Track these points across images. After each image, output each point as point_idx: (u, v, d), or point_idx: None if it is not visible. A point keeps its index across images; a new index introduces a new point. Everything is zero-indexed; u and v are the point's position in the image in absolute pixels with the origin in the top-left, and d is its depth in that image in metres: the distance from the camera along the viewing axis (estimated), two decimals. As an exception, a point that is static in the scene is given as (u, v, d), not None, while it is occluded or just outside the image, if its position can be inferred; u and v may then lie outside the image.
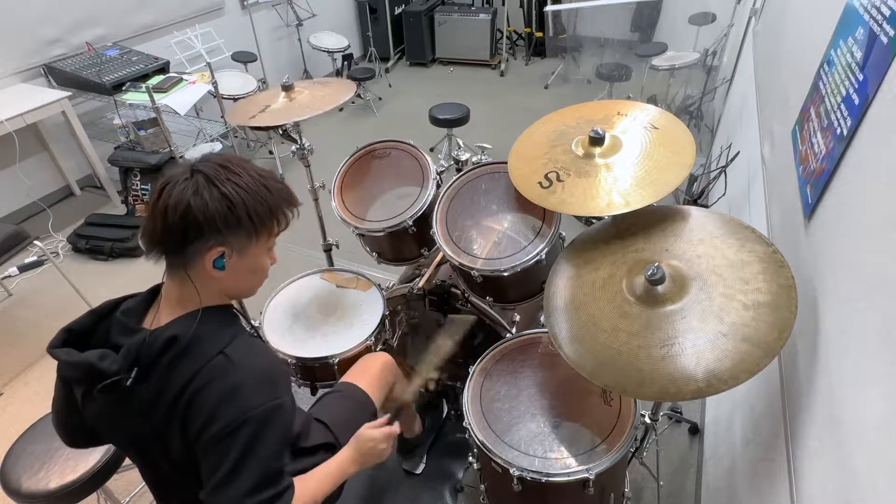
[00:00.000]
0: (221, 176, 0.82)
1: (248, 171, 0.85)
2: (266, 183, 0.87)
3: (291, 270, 1.81)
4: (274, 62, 4.66)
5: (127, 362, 0.80)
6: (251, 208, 0.84)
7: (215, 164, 0.83)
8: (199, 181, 0.81)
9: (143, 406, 0.84)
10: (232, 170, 0.84)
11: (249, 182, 0.84)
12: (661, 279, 0.98)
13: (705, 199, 2.35)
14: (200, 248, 0.83)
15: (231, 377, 0.83)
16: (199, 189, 0.80)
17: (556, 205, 1.19)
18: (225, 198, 0.81)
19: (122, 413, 0.85)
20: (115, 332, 0.85)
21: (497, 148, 1.86)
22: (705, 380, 0.87)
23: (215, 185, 0.81)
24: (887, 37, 0.87)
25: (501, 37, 5.63)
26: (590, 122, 1.29)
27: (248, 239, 0.86)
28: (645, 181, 1.13)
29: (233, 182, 0.82)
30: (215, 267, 0.85)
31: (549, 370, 1.36)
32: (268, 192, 0.86)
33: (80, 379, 0.86)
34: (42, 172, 3.33)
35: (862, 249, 0.83)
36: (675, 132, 1.22)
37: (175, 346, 0.82)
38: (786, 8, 1.98)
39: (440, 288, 1.65)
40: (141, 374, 0.81)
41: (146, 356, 0.81)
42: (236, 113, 1.69)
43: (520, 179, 1.28)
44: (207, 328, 0.85)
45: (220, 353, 0.84)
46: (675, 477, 1.82)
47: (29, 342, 2.46)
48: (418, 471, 1.82)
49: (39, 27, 3.02)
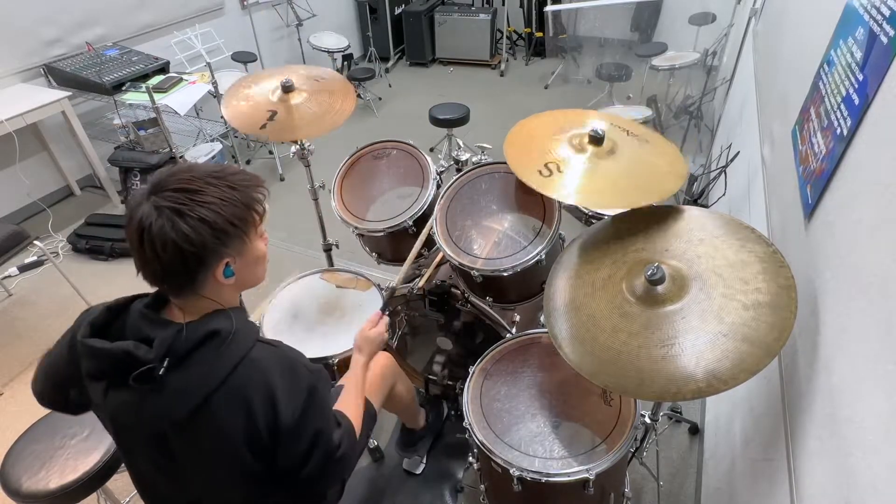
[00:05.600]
0: (185, 201, 0.80)
1: (206, 181, 0.83)
2: (228, 182, 0.85)
3: (291, 270, 1.81)
4: (274, 62, 4.66)
5: (161, 352, 0.82)
6: (230, 216, 0.84)
7: (172, 190, 0.81)
8: (169, 215, 0.79)
9: (174, 396, 0.85)
10: (191, 188, 0.81)
11: (214, 192, 0.83)
12: (661, 279, 0.98)
13: (705, 199, 2.35)
14: (207, 271, 0.85)
15: (282, 358, 0.92)
16: (175, 224, 0.79)
17: (557, 190, 1.17)
18: (203, 222, 0.81)
19: (150, 404, 0.85)
20: (144, 326, 0.85)
21: (497, 148, 1.85)
22: (705, 380, 0.87)
23: (187, 214, 0.80)
24: (887, 37, 0.87)
25: (501, 37, 5.63)
26: (582, 126, 1.29)
27: (242, 241, 0.88)
28: (643, 183, 1.14)
29: (199, 202, 0.81)
30: (226, 277, 0.88)
31: (549, 370, 1.36)
32: (234, 191, 0.85)
33: (109, 370, 0.86)
34: (42, 172, 3.33)
35: (862, 249, 0.83)
36: (664, 147, 1.25)
37: (217, 339, 0.85)
38: (786, 8, 1.98)
39: (440, 288, 1.65)
40: (172, 365, 0.83)
41: (181, 348, 0.83)
42: (242, 119, 1.64)
43: (519, 168, 1.26)
44: (241, 323, 0.90)
45: (256, 342, 0.90)
46: (675, 477, 1.82)
47: (29, 342, 2.46)
48: (418, 471, 1.82)
49: (39, 27, 3.02)
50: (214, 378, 0.85)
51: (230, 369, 0.85)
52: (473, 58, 5.57)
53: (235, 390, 0.85)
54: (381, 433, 1.96)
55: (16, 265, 2.32)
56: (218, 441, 0.87)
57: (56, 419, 1.41)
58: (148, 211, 0.79)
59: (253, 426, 0.86)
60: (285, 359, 0.93)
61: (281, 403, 0.87)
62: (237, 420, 0.86)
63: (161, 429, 0.87)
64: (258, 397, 0.86)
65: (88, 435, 1.38)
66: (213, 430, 0.86)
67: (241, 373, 0.86)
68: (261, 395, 0.86)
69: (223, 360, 0.86)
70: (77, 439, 1.37)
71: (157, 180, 0.82)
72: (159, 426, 0.87)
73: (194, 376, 0.85)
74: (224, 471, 0.91)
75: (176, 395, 0.84)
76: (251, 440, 0.87)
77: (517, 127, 1.36)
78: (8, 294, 2.74)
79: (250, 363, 0.87)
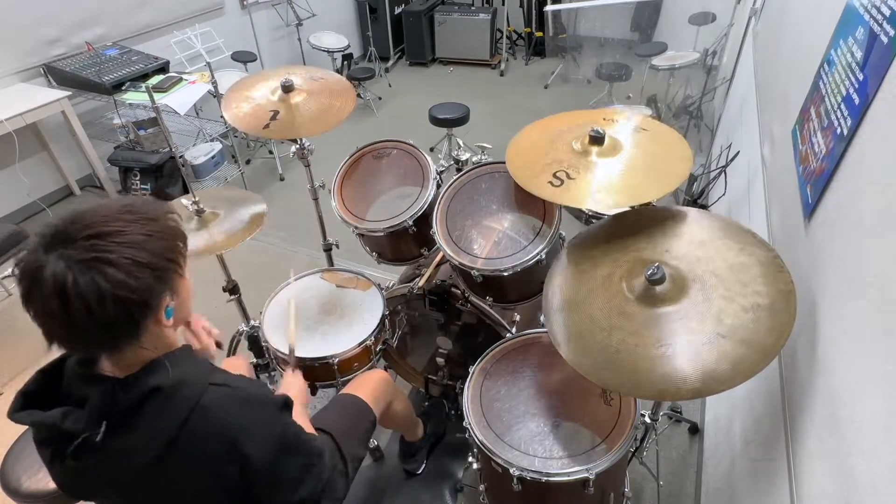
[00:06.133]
0: (108, 247, 0.69)
1: (122, 220, 0.72)
2: (144, 215, 0.75)
3: (291, 270, 1.81)
4: (274, 62, 4.66)
5: (94, 416, 0.74)
6: (163, 251, 0.75)
7: (85, 238, 0.68)
8: (93, 266, 0.67)
9: (123, 455, 0.78)
10: (109, 231, 0.70)
11: (137, 229, 0.72)
12: (661, 279, 0.98)
13: (705, 199, 2.35)
14: (150, 318, 0.76)
15: (237, 398, 0.85)
16: (107, 274, 0.67)
17: (574, 199, 1.16)
18: (139, 264, 0.70)
19: (99, 469, 0.78)
20: (76, 385, 0.77)
21: (497, 148, 1.85)
22: (702, 380, 0.87)
23: (116, 261, 0.68)
24: (887, 37, 0.87)
25: (501, 36, 5.63)
26: (581, 126, 1.29)
27: (177, 275, 0.80)
28: (651, 175, 1.14)
29: (124, 244, 0.70)
30: (167, 318, 0.79)
31: (549, 370, 1.36)
32: (156, 223, 0.76)
33: (48, 440, 0.79)
34: (42, 172, 3.33)
35: (862, 249, 0.83)
36: (664, 134, 1.24)
37: (159, 395, 0.77)
38: (786, 8, 1.98)
39: (440, 288, 1.65)
40: (112, 427, 0.75)
41: (119, 409, 0.75)
42: (244, 121, 1.63)
43: (527, 180, 1.26)
44: (186, 368, 0.82)
45: (209, 386, 0.82)
46: (675, 477, 1.82)
47: (29, 342, 2.46)
48: (418, 471, 1.82)
49: (39, 27, 3.02)
50: (163, 437, 0.78)
51: (180, 423, 0.78)
52: (473, 57, 5.57)
53: (191, 445, 0.79)
54: (382, 433, 1.96)
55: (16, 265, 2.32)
56: (186, 493, 0.83)
57: (56, 419, 1.41)
58: (60, 269, 0.66)
59: (222, 476, 0.82)
60: (241, 397, 0.85)
61: (248, 447, 0.81)
62: (203, 474, 0.81)
63: (120, 484, 0.82)
64: (219, 448, 0.80)
65: (88, 435, 1.38)
66: (177, 484, 0.82)
67: (194, 425, 0.79)
68: (222, 444, 0.80)
69: (170, 416, 0.78)
70: (77, 439, 1.37)
71: (56, 231, 0.69)
72: (118, 483, 0.82)
73: (139, 439, 0.77)
74: None
75: (123, 457, 0.78)
76: (224, 488, 0.83)
77: (515, 140, 1.36)
78: (8, 294, 2.74)
79: (202, 413, 0.79)
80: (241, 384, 0.87)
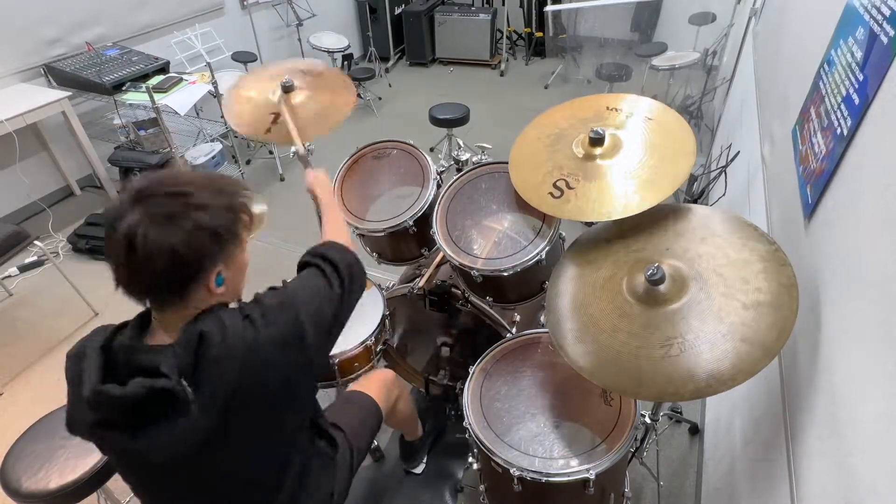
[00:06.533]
0: (180, 207, 0.77)
1: (196, 185, 0.81)
2: (217, 187, 0.84)
3: (291, 270, 1.80)
4: (274, 62, 4.66)
5: (176, 375, 0.77)
6: (226, 221, 0.82)
7: (161, 195, 0.78)
8: (164, 221, 0.76)
9: (203, 406, 0.80)
10: (184, 192, 0.79)
11: (207, 197, 0.81)
12: (661, 279, 0.98)
13: (705, 199, 2.35)
14: (200, 280, 0.82)
15: (265, 306, 0.89)
16: (172, 230, 0.76)
17: (573, 213, 1.17)
18: (200, 227, 0.78)
19: (185, 425, 0.80)
20: (139, 358, 0.81)
21: (497, 148, 1.85)
22: (704, 380, 0.87)
23: (182, 217, 0.77)
24: (887, 37, 0.87)
25: (501, 37, 5.63)
26: (583, 122, 1.28)
27: (235, 247, 0.86)
28: (654, 175, 1.13)
29: (194, 206, 0.78)
30: (217, 286, 0.85)
31: (550, 370, 1.36)
32: (225, 196, 0.84)
33: (130, 411, 0.79)
34: (42, 172, 3.33)
35: (862, 249, 0.83)
36: (669, 122, 1.22)
37: (208, 339, 0.80)
38: (786, 8, 1.98)
39: (440, 288, 1.65)
40: (191, 382, 0.79)
41: (187, 361, 0.79)
42: (246, 125, 1.63)
43: (528, 192, 1.27)
44: (219, 314, 0.85)
45: (245, 317, 0.85)
46: (675, 477, 1.82)
47: (29, 342, 2.46)
48: (418, 471, 1.82)
49: (39, 27, 3.02)
50: (233, 366, 0.81)
51: (244, 350, 0.82)
52: (473, 58, 5.57)
53: (256, 361, 0.83)
54: (382, 432, 1.96)
55: (16, 265, 2.32)
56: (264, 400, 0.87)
57: (56, 419, 1.41)
58: (137, 219, 0.75)
59: (292, 360, 0.87)
60: (270, 305, 0.89)
61: (301, 314, 0.89)
62: (276, 375, 0.86)
63: (204, 437, 0.82)
64: (289, 332, 0.87)
65: (88, 435, 1.38)
66: (258, 396, 0.85)
67: (251, 346, 0.83)
68: (290, 327, 0.87)
69: (233, 344, 0.81)
70: (77, 439, 1.36)
71: (141, 187, 0.78)
72: (202, 437, 0.82)
73: (213, 379, 0.80)
74: (269, 431, 0.91)
75: (204, 404, 0.80)
76: (296, 364, 0.89)
77: (517, 146, 1.36)
78: (8, 294, 2.74)
79: (250, 328, 0.84)
80: (263, 298, 0.91)
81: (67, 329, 2.51)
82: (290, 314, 0.89)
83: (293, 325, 0.88)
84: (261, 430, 0.91)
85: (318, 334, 0.91)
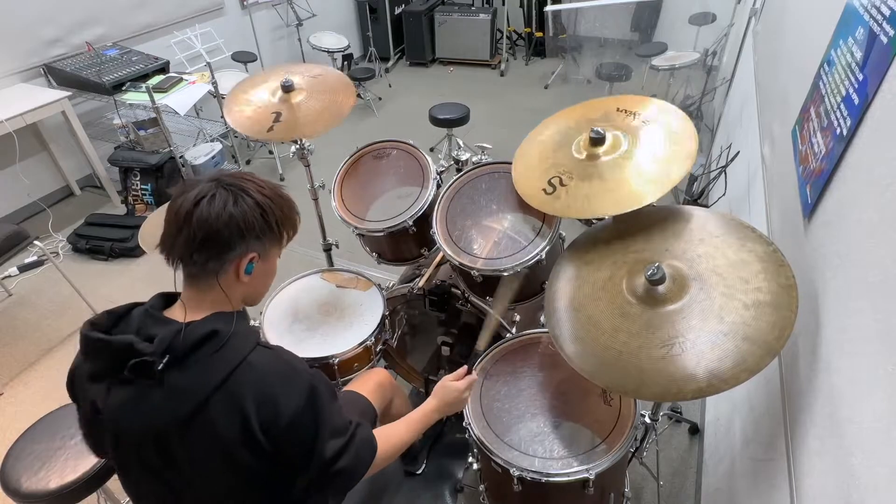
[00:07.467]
0: (248, 187, 0.89)
1: (263, 183, 0.93)
2: (278, 192, 0.95)
3: (291, 270, 1.80)
4: (274, 62, 4.66)
5: (160, 349, 0.83)
6: (278, 215, 0.92)
7: (235, 177, 0.90)
8: (232, 192, 0.87)
9: (174, 394, 0.85)
10: (253, 181, 0.91)
11: (269, 192, 0.92)
12: (662, 279, 0.98)
13: (705, 199, 2.35)
14: (238, 255, 0.89)
15: (281, 363, 0.92)
16: (237, 200, 0.87)
17: (560, 210, 1.20)
18: (258, 206, 0.89)
19: (151, 401, 0.85)
20: (147, 324, 0.87)
21: (497, 148, 1.86)
22: (706, 379, 0.87)
23: (248, 195, 0.88)
24: (887, 37, 0.87)
25: (501, 37, 5.63)
26: (590, 122, 1.28)
27: (273, 244, 0.94)
28: (648, 175, 1.13)
29: (260, 192, 0.90)
30: (245, 272, 0.91)
31: (550, 370, 1.36)
32: (283, 201, 0.95)
33: (110, 366, 0.86)
34: (42, 172, 3.33)
35: (862, 249, 0.83)
36: (673, 124, 1.21)
37: (215, 339, 0.86)
38: (786, 8, 1.98)
39: (440, 288, 1.65)
40: (171, 363, 0.83)
41: (181, 346, 0.84)
42: (248, 125, 1.63)
43: (525, 187, 1.29)
44: (241, 326, 0.92)
45: (256, 345, 0.91)
46: (675, 477, 1.82)
47: (29, 342, 2.46)
48: (418, 471, 1.82)
49: (39, 27, 3.02)
50: (213, 379, 0.84)
51: (228, 372, 0.85)
52: (473, 58, 5.57)
53: (232, 394, 0.85)
54: (381, 433, 1.96)
55: (16, 265, 2.32)
56: (216, 443, 0.87)
57: (56, 419, 1.41)
58: (209, 187, 0.87)
59: (249, 430, 0.86)
60: (284, 363, 0.93)
61: (281, 405, 0.87)
62: (234, 423, 0.85)
63: (162, 429, 0.86)
64: (255, 402, 0.86)
65: (88, 435, 1.38)
66: (212, 432, 0.86)
67: (239, 377, 0.86)
68: (258, 399, 0.86)
69: (221, 363, 0.86)
70: (77, 439, 1.36)
71: (216, 174, 0.91)
72: (160, 426, 0.86)
73: (193, 376, 0.85)
74: (223, 476, 0.90)
75: (175, 393, 0.84)
76: (249, 443, 0.87)
77: (524, 145, 1.37)
78: (8, 294, 2.74)
79: (248, 367, 0.87)
80: (282, 351, 0.95)
81: (67, 329, 2.50)
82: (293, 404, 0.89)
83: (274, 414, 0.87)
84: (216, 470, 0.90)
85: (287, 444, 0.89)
